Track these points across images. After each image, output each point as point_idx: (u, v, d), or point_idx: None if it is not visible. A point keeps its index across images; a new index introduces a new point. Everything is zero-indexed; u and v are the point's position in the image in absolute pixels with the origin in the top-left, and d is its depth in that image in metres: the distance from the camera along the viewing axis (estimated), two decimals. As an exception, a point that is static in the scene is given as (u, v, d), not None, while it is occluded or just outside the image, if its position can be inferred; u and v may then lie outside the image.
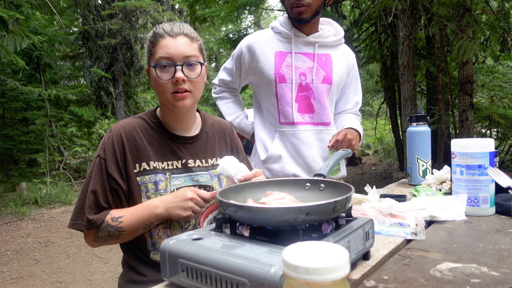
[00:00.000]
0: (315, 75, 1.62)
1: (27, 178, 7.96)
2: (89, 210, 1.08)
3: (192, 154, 1.20)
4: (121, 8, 9.22)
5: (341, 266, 0.37)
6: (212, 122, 1.32)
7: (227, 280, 0.59)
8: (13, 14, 6.29)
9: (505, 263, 0.73)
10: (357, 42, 7.32)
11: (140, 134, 1.15)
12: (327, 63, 1.65)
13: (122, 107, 10.05)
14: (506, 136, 6.27)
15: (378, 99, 11.26)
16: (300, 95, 1.62)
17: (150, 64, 1.13)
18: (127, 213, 1.08)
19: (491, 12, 4.65)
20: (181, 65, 1.09)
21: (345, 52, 1.73)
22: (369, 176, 8.38)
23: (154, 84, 1.14)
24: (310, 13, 1.56)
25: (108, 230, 1.07)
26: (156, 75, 1.10)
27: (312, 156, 1.64)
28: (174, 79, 1.09)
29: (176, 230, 1.13)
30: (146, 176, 1.12)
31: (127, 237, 1.09)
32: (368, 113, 16.71)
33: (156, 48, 1.11)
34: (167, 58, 1.09)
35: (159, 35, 1.11)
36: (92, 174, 1.11)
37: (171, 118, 1.19)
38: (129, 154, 1.12)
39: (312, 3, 1.54)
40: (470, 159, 1.07)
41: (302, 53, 1.63)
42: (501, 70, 6.54)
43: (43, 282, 3.28)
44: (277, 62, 1.61)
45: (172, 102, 1.11)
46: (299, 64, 1.62)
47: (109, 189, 1.10)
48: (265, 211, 0.66)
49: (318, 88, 1.62)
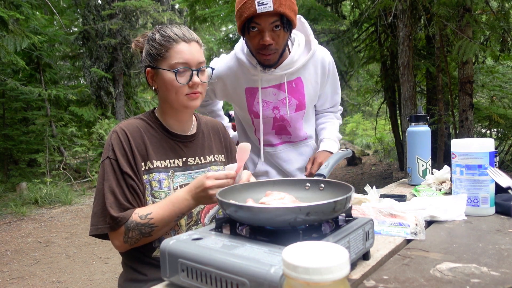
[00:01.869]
0: (288, 106, 1.58)
1: (27, 178, 7.95)
2: (111, 210, 1.06)
3: (191, 152, 1.24)
4: (121, 8, 9.22)
5: (341, 266, 0.37)
6: (206, 121, 1.37)
7: (227, 280, 0.59)
8: (13, 14, 6.29)
9: (505, 263, 0.73)
10: (357, 42, 7.32)
11: (143, 133, 1.17)
12: (298, 89, 1.57)
13: (122, 107, 10.05)
14: (506, 136, 6.27)
15: (378, 99, 11.27)
16: (276, 125, 1.66)
17: (160, 67, 1.15)
18: (155, 209, 1.08)
19: (491, 12, 4.65)
20: (197, 70, 1.15)
21: (319, 59, 1.59)
22: (369, 176, 8.38)
23: (166, 85, 1.15)
24: (277, 57, 1.45)
25: (140, 228, 1.06)
26: (173, 78, 1.13)
27: (293, 171, 1.74)
28: (191, 83, 1.14)
29: (182, 226, 1.17)
30: (151, 175, 1.14)
31: (158, 233, 1.09)
32: (368, 113, 16.71)
33: (171, 52, 1.13)
34: (184, 63, 1.13)
35: (173, 39, 1.13)
36: (105, 176, 1.10)
37: (173, 118, 1.22)
38: (137, 152, 1.13)
39: (279, 46, 1.41)
40: (470, 159, 1.07)
41: (271, 86, 1.56)
42: (501, 70, 6.54)
43: (43, 282, 3.28)
44: (249, 100, 1.59)
45: (186, 103, 1.16)
46: (270, 99, 1.58)
47: (126, 188, 1.09)
48: (265, 211, 0.66)
49: (292, 118, 1.63)
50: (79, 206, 6.41)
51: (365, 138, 14.49)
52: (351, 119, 16.94)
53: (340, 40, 6.13)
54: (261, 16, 1.32)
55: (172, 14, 9.60)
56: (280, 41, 1.40)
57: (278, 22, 1.35)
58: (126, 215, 1.06)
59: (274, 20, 1.34)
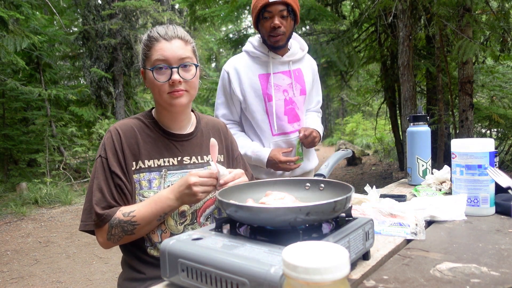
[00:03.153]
0: (295, 89, 1.86)
1: (27, 178, 7.96)
2: (97, 207, 1.09)
3: (187, 151, 1.23)
4: (121, 8, 9.22)
5: (341, 266, 0.37)
6: (207, 120, 1.36)
7: (227, 280, 0.59)
8: (13, 14, 6.29)
9: (505, 263, 0.73)
10: (357, 42, 7.32)
11: (137, 133, 1.18)
12: (300, 77, 1.89)
13: (122, 107, 10.05)
14: (506, 136, 6.27)
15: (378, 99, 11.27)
16: (287, 108, 1.85)
17: (146, 67, 1.17)
18: (138, 207, 1.09)
19: (491, 12, 4.65)
20: (177, 67, 1.14)
21: (309, 62, 1.97)
22: (369, 176, 8.38)
23: (150, 85, 1.18)
24: (285, 39, 1.77)
25: (122, 226, 1.08)
26: (153, 77, 1.14)
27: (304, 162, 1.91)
28: (170, 80, 1.13)
29: (170, 225, 1.16)
30: (141, 174, 1.15)
31: (141, 231, 1.10)
32: (368, 113, 16.72)
33: (152, 51, 1.14)
34: (163, 60, 1.13)
35: (154, 38, 1.14)
36: (95, 174, 1.13)
37: (167, 117, 1.22)
38: (128, 151, 1.14)
39: (286, 30, 1.75)
40: (470, 159, 1.07)
41: (280, 72, 1.85)
42: (501, 70, 6.54)
43: (43, 282, 3.28)
44: (263, 84, 1.82)
45: (169, 101, 1.15)
46: (280, 83, 1.84)
47: (114, 186, 1.12)
48: (265, 211, 0.66)
49: (299, 100, 1.88)
50: (79, 206, 6.41)
51: (365, 138, 14.49)
52: (351, 119, 16.95)
53: (340, 40, 6.13)
54: (272, 5, 1.69)
55: (172, 14, 9.60)
56: (287, 26, 1.74)
57: (285, 11, 1.71)
58: (111, 212, 1.08)
59: (282, 9, 1.70)
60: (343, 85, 8.52)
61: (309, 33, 8.20)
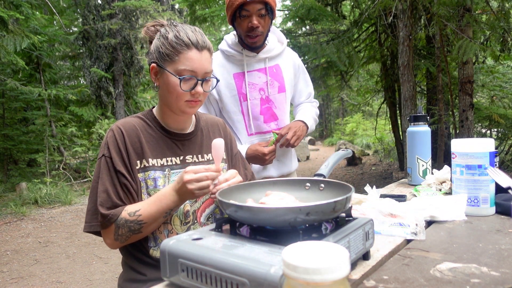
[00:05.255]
0: (271, 87, 1.80)
1: (27, 178, 7.96)
2: (102, 208, 1.08)
3: (189, 150, 1.24)
4: (121, 8, 9.22)
5: (341, 266, 0.37)
6: (205, 119, 1.36)
7: (227, 280, 0.59)
8: (13, 14, 6.29)
9: (505, 263, 0.73)
10: (357, 42, 7.32)
11: (139, 132, 1.17)
12: (278, 73, 1.82)
13: (122, 107, 10.06)
14: (506, 136, 6.26)
15: (378, 99, 11.27)
16: (264, 108, 1.80)
17: (166, 68, 1.12)
18: (143, 206, 1.08)
19: (491, 12, 4.65)
20: (202, 80, 1.13)
21: (289, 56, 1.89)
22: (369, 176, 8.39)
23: (167, 87, 1.14)
24: (262, 39, 1.72)
25: (129, 226, 1.07)
26: (175, 83, 1.11)
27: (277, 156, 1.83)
28: (193, 91, 1.13)
29: (175, 225, 1.16)
30: (146, 173, 1.14)
31: (147, 229, 1.09)
32: (368, 113, 16.73)
33: (180, 57, 1.10)
34: (191, 72, 1.11)
35: (185, 44, 1.10)
36: (99, 175, 1.12)
37: (171, 118, 1.22)
38: (132, 150, 1.14)
39: (264, 30, 1.69)
40: (470, 159, 1.07)
41: (255, 70, 1.79)
42: (501, 70, 6.54)
43: (43, 282, 3.28)
44: (238, 83, 1.77)
45: (184, 108, 1.15)
46: (256, 81, 1.78)
47: (119, 186, 1.11)
48: (265, 211, 0.66)
49: (276, 98, 1.81)
50: (79, 206, 6.42)
51: (365, 138, 14.49)
52: (351, 119, 16.95)
53: (340, 40, 6.13)
54: (250, 4, 1.61)
55: (172, 14, 9.59)
56: (265, 25, 1.68)
57: (263, 9, 1.64)
58: (117, 212, 1.07)
59: (260, 8, 1.63)
60: (343, 85, 8.51)
61: (309, 33, 8.21)
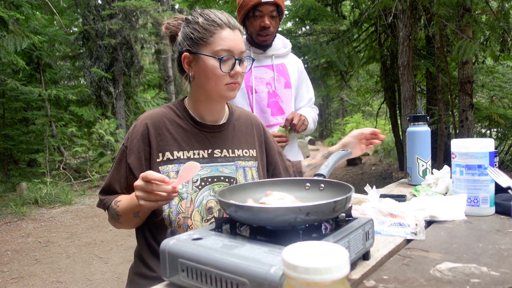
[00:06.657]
0: (278, 82, 1.90)
1: (27, 178, 7.95)
2: (103, 192, 1.16)
3: (218, 143, 1.19)
4: (121, 8, 9.23)
5: (341, 266, 0.37)
6: (239, 113, 1.31)
7: (227, 280, 0.59)
8: (13, 14, 6.29)
9: (505, 263, 0.73)
10: (357, 42, 7.31)
11: (167, 123, 1.15)
12: (284, 71, 1.93)
13: (122, 107, 10.06)
14: (506, 136, 6.26)
15: (378, 99, 11.26)
16: (271, 101, 1.88)
17: (202, 52, 1.09)
18: (124, 199, 1.09)
19: (491, 12, 4.65)
20: (240, 59, 1.10)
21: (293, 60, 2.01)
22: (369, 176, 8.38)
23: (205, 73, 1.10)
24: (272, 37, 1.84)
25: (111, 213, 1.11)
26: (215, 65, 1.08)
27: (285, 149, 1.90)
28: (233, 71, 1.09)
29: (195, 220, 1.10)
30: (169, 165, 1.11)
31: (127, 222, 1.10)
32: (368, 113, 16.72)
33: (215, 38, 1.08)
34: (228, 51, 1.08)
35: (218, 24, 1.08)
36: (115, 160, 1.17)
37: (204, 108, 1.18)
38: (154, 143, 1.12)
39: (274, 30, 1.82)
40: (470, 159, 1.07)
41: (263, 66, 1.90)
42: (501, 70, 6.53)
43: (43, 282, 3.28)
44: (246, 77, 1.85)
45: (224, 93, 1.11)
46: (263, 76, 1.88)
47: (125, 177, 1.13)
48: (265, 211, 0.66)
49: (283, 93, 1.90)
50: (79, 206, 6.41)
51: (365, 138, 14.43)
52: (351, 119, 16.94)
53: (340, 40, 6.12)
54: (264, 5, 1.74)
55: (172, 14, 9.60)
56: (275, 26, 1.82)
57: (275, 11, 1.77)
58: (110, 198, 1.13)
59: (272, 9, 1.76)
60: (343, 85, 8.51)
61: (309, 33, 8.21)
